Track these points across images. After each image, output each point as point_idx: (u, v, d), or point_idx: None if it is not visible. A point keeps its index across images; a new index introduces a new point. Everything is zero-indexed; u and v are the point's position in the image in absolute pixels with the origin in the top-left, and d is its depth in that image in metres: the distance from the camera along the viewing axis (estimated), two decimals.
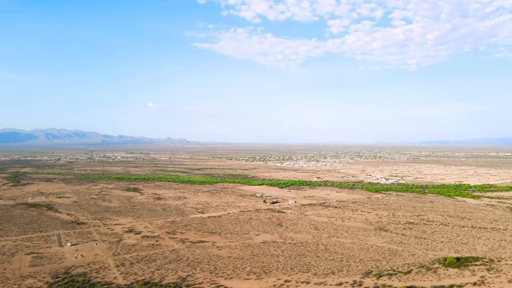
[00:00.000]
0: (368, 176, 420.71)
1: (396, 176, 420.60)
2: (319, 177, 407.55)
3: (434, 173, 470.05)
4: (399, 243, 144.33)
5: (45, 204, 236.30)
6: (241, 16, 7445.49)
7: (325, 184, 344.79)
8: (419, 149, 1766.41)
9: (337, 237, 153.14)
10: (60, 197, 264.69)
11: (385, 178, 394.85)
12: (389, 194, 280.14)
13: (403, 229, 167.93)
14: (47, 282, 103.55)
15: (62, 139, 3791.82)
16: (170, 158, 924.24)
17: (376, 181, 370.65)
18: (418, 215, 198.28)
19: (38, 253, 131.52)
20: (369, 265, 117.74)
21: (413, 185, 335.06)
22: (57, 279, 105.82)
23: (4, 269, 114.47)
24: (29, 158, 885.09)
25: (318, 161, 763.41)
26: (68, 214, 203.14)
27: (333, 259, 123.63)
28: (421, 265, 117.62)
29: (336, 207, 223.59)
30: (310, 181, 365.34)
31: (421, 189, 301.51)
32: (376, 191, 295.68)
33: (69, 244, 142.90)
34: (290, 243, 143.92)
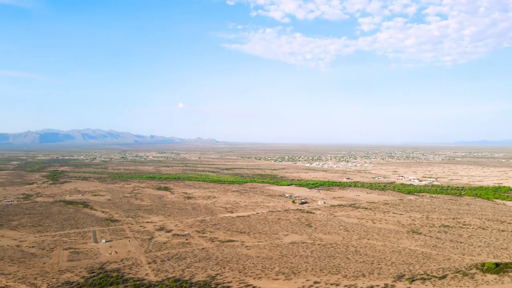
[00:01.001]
0: (400, 177, 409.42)
1: (430, 178, 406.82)
2: (349, 178, 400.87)
3: (471, 175, 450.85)
4: (433, 246, 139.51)
5: (82, 201, 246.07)
6: (270, 16, 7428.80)
7: (355, 185, 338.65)
8: (455, 149, 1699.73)
9: (368, 239, 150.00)
10: (95, 195, 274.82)
11: (418, 180, 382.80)
12: (422, 196, 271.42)
13: (438, 232, 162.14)
14: (83, 277, 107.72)
15: (97, 139, 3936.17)
16: (199, 158, 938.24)
17: (408, 182, 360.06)
18: (454, 218, 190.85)
19: (75, 249, 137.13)
20: (402, 268, 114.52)
21: (448, 186, 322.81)
22: (93, 274, 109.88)
23: (44, 263, 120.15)
24: (67, 157, 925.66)
25: (348, 161, 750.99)
26: (103, 212, 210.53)
27: (364, 262, 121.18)
28: (457, 270, 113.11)
29: (366, 209, 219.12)
30: (340, 182, 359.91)
31: (457, 191, 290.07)
32: (409, 192, 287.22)
33: (103, 240, 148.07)
34: (319, 244, 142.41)
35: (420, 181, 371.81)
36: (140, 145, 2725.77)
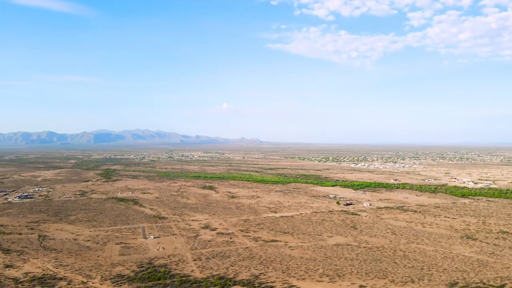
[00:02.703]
0: (453, 179, 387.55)
1: (486, 180, 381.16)
2: (396, 179, 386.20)
3: None
4: (490, 254, 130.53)
5: (132, 199, 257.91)
6: (314, 14, 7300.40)
7: (403, 186, 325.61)
8: None
9: (417, 244, 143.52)
10: (144, 193, 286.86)
11: (473, 182, 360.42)
12: (478, 199, 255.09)
13: (495, 238, 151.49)
14: (134, 271, 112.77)
15: (146, 139, 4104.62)
16: (243, 157, 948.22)
17: (462, 185, 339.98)
18: None
19: (126, 244, 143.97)
20: (454, 275, 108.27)
21: (507, 190, 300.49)
22: (142, 268, 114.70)
23: (98, 257, 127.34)
24: (118, 156, 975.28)
25: (395, 162, 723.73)
26: (151, 209, 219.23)
27: (413, 267, 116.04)
28: None
29: (415, 212, 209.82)
30: (387, 183, 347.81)
31: None
32: (463, 195, 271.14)
33: (152, 236, 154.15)
34: (365, 247, 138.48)
35: (476, 183, 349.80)
36: (186, 145, 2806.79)
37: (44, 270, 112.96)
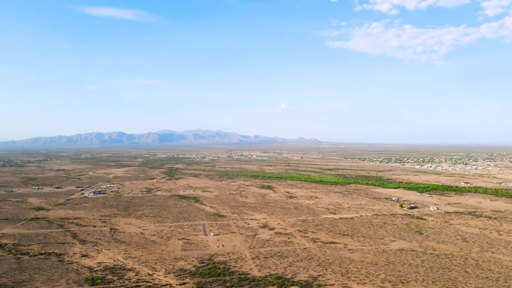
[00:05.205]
0: None
1: None
2: (467, 182, 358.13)
3: None
4: None
5: (193, 196, 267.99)
6: (376, 9, 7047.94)
7: (475, 190, 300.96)
8: None
9: (492, 253, 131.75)
10: (204, 191, 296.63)
11: None
12: None
13: None
14: (195, 266, 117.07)
15: (206, 139, 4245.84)
16: (301, 157, 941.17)
17: None
18: None
19: (187, 239, 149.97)
20: None
21: None
22: (203, 264, 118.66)
23: (162, 251, 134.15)
24: (181, 155, 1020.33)
25: (466, 164, 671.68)
26: (211, 207, 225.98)
27: (487, 278, 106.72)
28: None
29: (490, 218, 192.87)
30: (456, 187, 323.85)
31: None
32: None
33: (212, 234, 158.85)
34: (431, 254, 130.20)
35: None
36: (245, 145, 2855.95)
37: (115, 261, 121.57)
